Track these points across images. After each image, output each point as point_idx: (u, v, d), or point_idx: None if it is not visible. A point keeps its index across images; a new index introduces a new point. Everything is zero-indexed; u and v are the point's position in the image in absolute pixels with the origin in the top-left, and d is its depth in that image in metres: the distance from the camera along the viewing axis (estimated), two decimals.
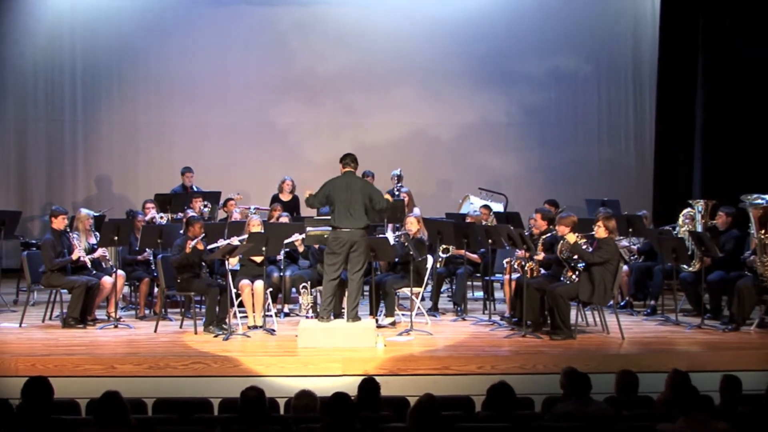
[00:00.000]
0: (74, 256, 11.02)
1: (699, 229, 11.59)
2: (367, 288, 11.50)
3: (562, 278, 10.57)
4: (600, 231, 10.30)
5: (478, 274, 12.47)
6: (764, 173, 12.80)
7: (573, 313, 10.55)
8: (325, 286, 10.30)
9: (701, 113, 14.47)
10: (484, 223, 12.46)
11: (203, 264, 11.05)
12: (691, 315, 11.50)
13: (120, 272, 11.37)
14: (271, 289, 11.23)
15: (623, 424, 6.82)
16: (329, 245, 10.23)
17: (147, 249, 11.79)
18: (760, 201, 10.92)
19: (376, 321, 10.72)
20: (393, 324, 11.02)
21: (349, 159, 10.36)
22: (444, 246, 11.88)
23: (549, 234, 10.92)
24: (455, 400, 7.74)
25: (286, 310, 11.82)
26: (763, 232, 10.47)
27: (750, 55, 13.53)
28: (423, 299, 11.68)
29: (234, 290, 10.84)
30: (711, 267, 11.22)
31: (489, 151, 16.26)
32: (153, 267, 11.70)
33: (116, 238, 11.13)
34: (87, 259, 11.14)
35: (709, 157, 14.30)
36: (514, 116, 16.29)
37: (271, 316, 11.13)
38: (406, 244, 11.00)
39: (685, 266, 11.41)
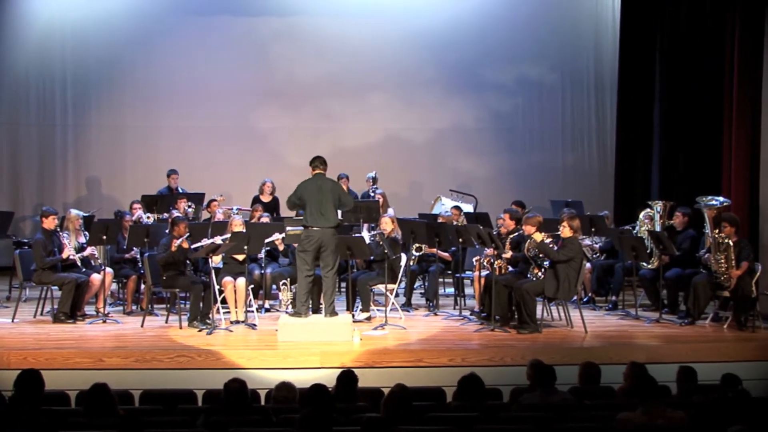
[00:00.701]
0: (64, 255, 10.98)
1: (657, 228, 11.66)
2: (344, 285, 11.51)
3: (528, 275, 10.61)
4: (564, 230, 10.34)
5: (450, 272, 12.49)
6: (717, 175, 12.87)
7: (539, 308, 10.60)
8: (299, 283, 10.27)
9: (659, 119, 14.53)
10: (454, 223, 12.47)
11: (188, 262, 11.03)
12: (650, 310, 11.54)
13: (108, 270, 11.33)
14: (252, 286, 11.22)
15: (586, 413, 6.84)
16: (300, 243, 10.21)
17: (134, 248, 11.73)
18: (714, 202, 10.99)
19: (353, 316, 10.71)
20: (368, 319, 11.01)
21: (318, 162, 10.32)
22: (417, 245, 11.89)
23: (516, 233, 10.95)
24: (427, 391, 7.75)
25: (266, 305, 11.79)
26: (717, 231, 10.53)
27: (704, 63, 13.60)
28: (397, 295, 11.68)
29: (217, 287, 10.80)
30: (668, 264, 11.29)
31: (460, 154, 16.26)
32: (140, 265, 11.64)
33: (105, 237, 11.10)
34: (76, 257, 11.10)
35: (667, 161, 14.36)
36: (483, 122, 16.29)
37: (252, 311, 11.10)
38: (381, 242, 11.01)
39: (644, 264, 11.47)
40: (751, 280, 10.42)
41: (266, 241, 11.38)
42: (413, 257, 12.01)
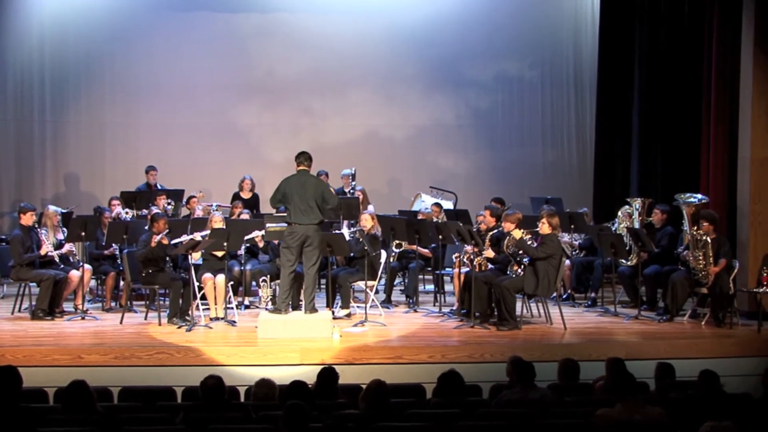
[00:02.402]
0: (42, 252, 10.93)
1: (636, 225, 11.71)
2: (324, 281, 11.51)
3: (508, 272, 10.64)
4: (544, 227, 10.37)
5: (429, 268, 12.50)
6: (695, 173, 12.93)
7: (518, 305, 10.62)
8: (282, 279, 10.28)
9: (638, 116, 14.58)
10: (434, 219, 12.48)
11: (167, 258, 11.00)
12: (629, 306, 11.60)
13: (87, 266, 11.28)
14: (232, 283, 11.19)
15: (565, 409, 6.87)
16: (284, 240, 10.21)
17: (113, 244, 11.69)
18: (692, 200, 11.06)
19: (333, 313, 10.70)
20: (348, 316, 11.02)
21: (303, 158, 10.31)
22: (397, 241, 11.89)
23: (496, 230, 10.97)
24: (407, 388, 7.77)
25: (246, 302, 11.77)
26: (695, 228, 10.59)
27: (682, 61, 13.65)
28: (377, 292, 11.70)
29: (197, 283, 10.77)
30: (647, 261, 11.35)
31: (440, 151, 16.28)
32: (119, 261, 11.60)
33: (83, 233, 11.05)
34: (54, 254, 11.05)
35: (646, 158, 14.43)
36: (463, 119, 16.32)
37: (232, 308, 11.08)
38: (361, 239, 11.01)
39: (623, 261, 11.52)
40: (728, 277, 10.49)
41: (246, 237, 11.36)
42: (393, 254, 12.02)
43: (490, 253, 10.80)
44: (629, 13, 14.78)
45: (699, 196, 11.28)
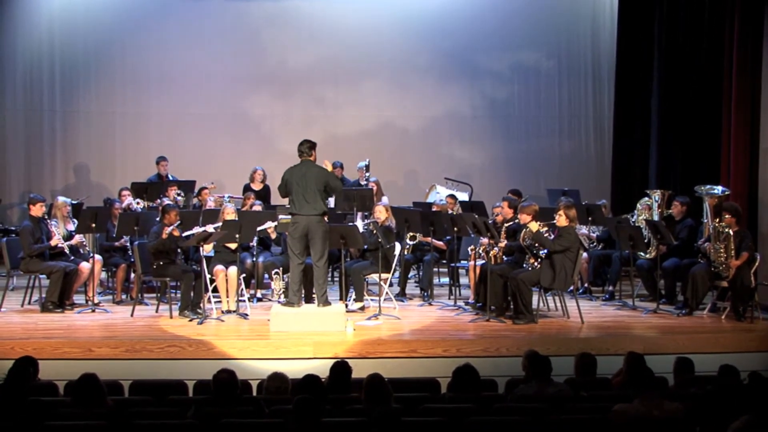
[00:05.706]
0: (52, 243, 10.96)
1: (655, 218, 11.68)
2: (337, 274, 11.50)
3: (524, 265, 10.62)
4: (561, 219, 10.34)
5: (444, 261, 12.51)
6: (716, 164, 12.87)
7: (535, 298, 10.60)
8: (291, 271, 10.27)
9: (657, 107, 14.52)
10: (449, 211, 12.46)
11: (179, 250, 11.02)
12: (647, 300, 11.58)
13: (98, 258, 11.30)
14: (244, 275, 11.21)
15: (582, 404, 6.86)
16: (288, 231, 10.21)
17: (124, 236, 11.71)
18: (714, 191, 11.03)
19: (346, 306, 10.71)
20: (362, 309, 11.02)
21: (305, 147, 10.23)
22: (411, 234, 11.88)
23: (512, 222, 10.95)
24: (422, 382, 7.78)
25: (258, 295, 11.77)
26: (717, 220, 10.56)
27: (702, 50, 13.58)
28: (391, 285, 11.68)
29: (208, 276, 10.81)
30: (666, 254, 11.33)
31: (455, 142, 16.26)
32: (130, 253, 11.63)
33: (94, 225, 11.08)
34: (65, 245, 11.08)
35: (665, 149, 14.36)
36: (479, 109, 16.29)
37: (244, 301, 11.09)
38: (375, 231, 11.01)
39: (641, 253, 11.50)
40: (749, 270, 10.44)
41: (258, 229, 11.37)
42: (407, 246, 12.01)
43: (502, 242, 10.79)
44: (648, 1, 14.70)
45: (720, 187, 11.24)
